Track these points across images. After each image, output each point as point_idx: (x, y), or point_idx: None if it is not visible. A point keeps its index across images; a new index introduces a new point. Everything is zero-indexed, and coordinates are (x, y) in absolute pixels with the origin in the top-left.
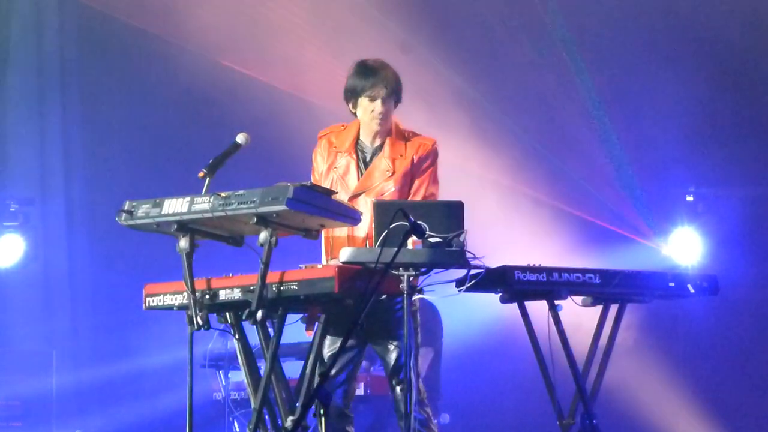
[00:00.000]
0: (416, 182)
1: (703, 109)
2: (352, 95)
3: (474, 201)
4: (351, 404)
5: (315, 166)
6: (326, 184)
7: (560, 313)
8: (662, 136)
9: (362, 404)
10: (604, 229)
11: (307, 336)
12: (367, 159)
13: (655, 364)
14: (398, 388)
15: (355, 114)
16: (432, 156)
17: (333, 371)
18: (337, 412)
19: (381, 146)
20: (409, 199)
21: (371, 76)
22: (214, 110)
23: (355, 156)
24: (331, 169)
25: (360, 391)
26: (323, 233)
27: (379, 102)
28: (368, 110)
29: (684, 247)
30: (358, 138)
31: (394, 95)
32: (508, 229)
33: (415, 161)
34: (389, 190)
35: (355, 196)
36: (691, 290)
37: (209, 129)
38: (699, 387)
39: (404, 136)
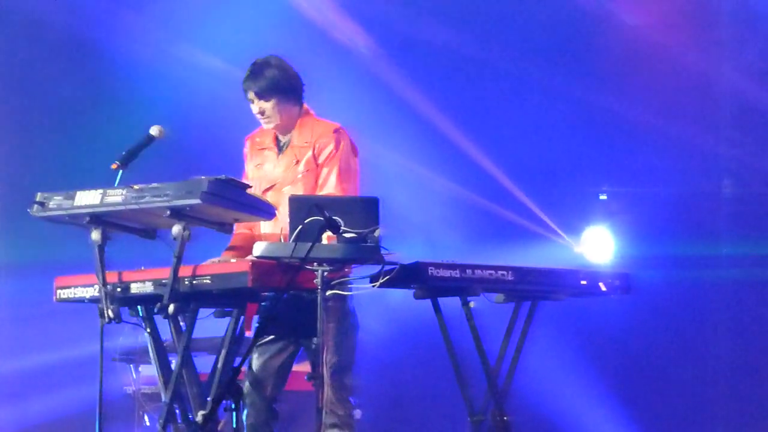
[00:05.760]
0: (323, 171)
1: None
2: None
3: (388, 191)
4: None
5: (245, 168)
6: (254, 182)
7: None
8: (573, 135)
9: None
10: (518, 226)
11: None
12: (283, 151)
13: (569, 361)
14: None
15: None
16: (334, 142)
17: (259, 363)
18: (264, 408)
19: (291, 138)
20: (318, 189)
21: (246, 77)
22: (132, 101)
23: (274, 150)
24: (256, 167)
25: None
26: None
27: (254, 103)
28: (252, 110)
29: (596, 246)
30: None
31: (270, 93)
32: (421, 221)
33: (315, 149)
34: (295, 179)
35: (268, 189)
36: (603, 288)
37: (125, 120)
38: (612, 384)
39: (312, 124)
